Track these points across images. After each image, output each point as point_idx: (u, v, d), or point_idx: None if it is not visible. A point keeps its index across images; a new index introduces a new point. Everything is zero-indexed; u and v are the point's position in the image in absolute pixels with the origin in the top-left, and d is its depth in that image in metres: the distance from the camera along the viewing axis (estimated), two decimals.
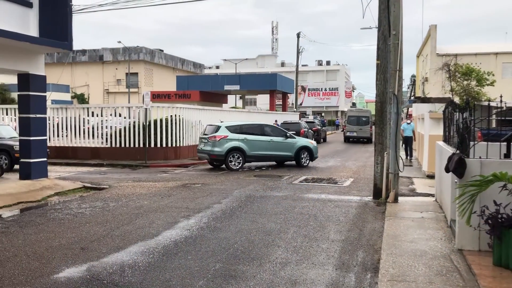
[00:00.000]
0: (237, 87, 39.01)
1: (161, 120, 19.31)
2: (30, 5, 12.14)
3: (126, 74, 54.56)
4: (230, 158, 16.37)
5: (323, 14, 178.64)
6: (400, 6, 10.20)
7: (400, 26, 10.20)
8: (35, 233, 7.43)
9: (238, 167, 16.31)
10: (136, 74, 55.90)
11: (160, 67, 59.40)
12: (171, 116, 19.65)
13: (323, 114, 72.45)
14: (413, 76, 58.63)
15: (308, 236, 7.31)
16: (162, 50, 61.23)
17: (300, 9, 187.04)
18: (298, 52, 47.70)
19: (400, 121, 10.76)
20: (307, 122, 34.53)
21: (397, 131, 10.22)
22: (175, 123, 19.55)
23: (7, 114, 21.43)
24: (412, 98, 40.74)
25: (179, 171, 16.42)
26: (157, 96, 38.41)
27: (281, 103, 48.72)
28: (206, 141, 16.70)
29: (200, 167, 17.93)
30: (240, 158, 16.44)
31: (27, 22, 12.06)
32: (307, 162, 17.65)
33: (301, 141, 17.97)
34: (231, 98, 55.30)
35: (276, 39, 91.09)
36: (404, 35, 10.47)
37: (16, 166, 15.03)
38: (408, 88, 61.14)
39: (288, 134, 17.74)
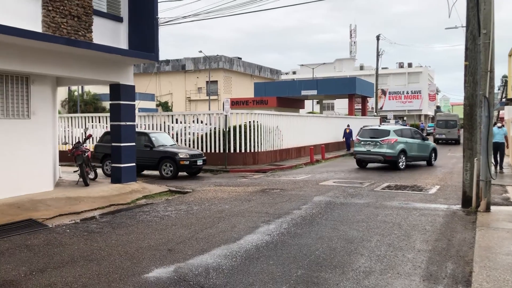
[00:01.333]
0: (314, 92, 38.78)
1: (240, 126, 19.72)
2: (120, 20, 13.01)
3: (207, 82, 56.41)
4: (399, 159, 18.38)
5: (403, 15, 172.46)
6: (492, 3, 9.56)
7: (491, 24, 9.56)
8: (126, 234, 7.90)
9: (403, 167, 18.44)
10: (215, 82, 57.62)
11: (238, 75, 60.75)
12: (250, 122, 20.00)
13: (405, 118, 69.75)
14: (505, 76, 54.57)
15: (393, 245, 7.06)
16: (240, 58, 62.61)
17: (378, 11, 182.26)
18: (377, 55, 46.45)
19: (492, 125, 10.06)
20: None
21: (488, 136, 9.56)
22: (253, 129, 19.87)
23: (99, 122, 23.06)
24: (504, 100, 37.99)
25: (257, 177, 16.64)
26: (235, 103, 39.29)
27: (360, 107, 47.65)
28: (375, 143, 18.67)
29: (277, 172, 18.03)
30: (404, 159, 18.62)
31: (118, 36, 12.93)
32: (434, 161, 20.32)
33: (431, 143, 20.95)
34: (308, 103, 55.10)
35: (354, 42, 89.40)
36: (495, 33, 9.79)
37: (180, 174, 16.20)
38: (499, 89, 57.04)
39: (424, 136, 20.32)
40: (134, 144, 13.78)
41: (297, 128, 24.27)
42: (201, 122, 21.66)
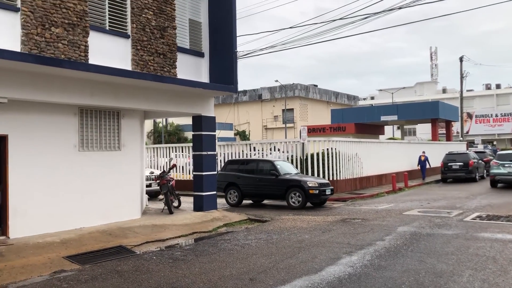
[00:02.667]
0: (394, 117, 37.65)
1: (317, 154, 19.58)
2: (202, 55, 13.67)
3: (283, 110, 57.01)
4: None
5: (488, 34, 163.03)
6: None
7: None
8: (209, 262, 8.07)
9: None
10: (291, 109, 58.04)
11: (314, 102, 60.76)
12: (327, 149, 19.80)
13: (495, 143, 65.19)
14: None
15: (487, 281, 6.53)
16: (316, 85, 62.68)
17: (460, 31, 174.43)
18: (461, 77, 44.26)
19: None
20: (476, 152, 31.41)
21: None
22: (332, 156, 19.62)
23: (182, 152, 24.07)
24: None
25: (337, 205, 16.31)
26: (312, 130, 39.19)
27: (444, 132, 45.38)
28: None
29: (358, 201, 17.56)
30: None
31: (199, 70, 13.58)
32: None
33: None
34: (388, 129, 53.52)
35: (435, 65, 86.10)
36: None
37: (308, 204, 15.61)
38: None
39: None
40: (215, 173, 14.19)
41: (377, 155, 23.60)
42: (278, 150, 21.82)
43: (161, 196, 14.09)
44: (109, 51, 10.73)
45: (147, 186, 15.92)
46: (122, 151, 12.22)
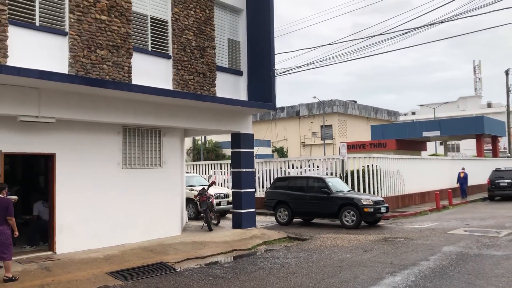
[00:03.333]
0: (437, 133, 36.63)
1: (357, 171, 19.27)
2: (240, 73, 13.84)
3: (321, 126, 56.68)
4: None
5: None
6: None
7: None
8: (249, 280, 8.03)
9: None
10: (330, 126, 57.60)
11: (353, 118, 60.09)
12: (368, 166, 19.45)
13: None
14: None
15: None
16: (355, 101, 62.05)
17: (505, 43, 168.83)
18: (507, 91, 42.70)
19: None
20: None
21: None
22: (372, 173, 19.25)
23: (221, 168, 24.27)
24: None
25: (378, 224, 15.92)
26: (352, 147, 38.67)
27: (490, 148, 43.74)
28: None
29: (400, 219, 17.08)
30: None
31: (238, 88, 13.74)
32: None
33: None
34: (430, 145, 52.11)
35: (479, 79, 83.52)
36: None
37: (363, 223, 15.05)
38: None
39: None
40: (253, 190, 14.21)
41: (419, 172, 22.95)
42: (317, 167, 21.63)
43: (229, 215, 14.23)
44: (151, 71, 11.04)
45: (216, 204, 15.96)
46: (163, 169, 12.45)
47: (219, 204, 17.05)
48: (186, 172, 22.43)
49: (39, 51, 8.99)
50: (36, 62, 8.78)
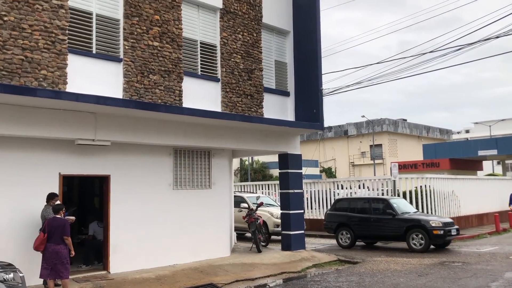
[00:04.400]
0: (494, 152, 34.93)
1: (410, 192, 18.66)
2: (287, 94, 13.89)
3: (370, 146, 55.61)
4: None
5: None
6: None
7: None
8: None
9: None
10: (380, 145, 56.41)
11: (404, 137, 58.60)
12: (421, 186, 18.79)
13: None
14: None
15: None
16: (405, 120, 60.60)
17: None
18: None
19: None
20: None
21: None
22: (426, 194, 18.57)
23: (268, 189, 24.22)
24: None
25: (433, 247, 15.23)
26: (403, 167, 37.58)
27: None
28: None
29: (456, 242, 16.29)
30: None
31: (285, 109, 13.77)
32: None
33: None
34: (486, 164, 49.75)
35: None
36: None
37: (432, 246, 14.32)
38: None
39: None
40: (302, 211, 14.05)
41: (476, 192, 21.90)
42: (367, 188, 21.13)
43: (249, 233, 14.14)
44: (200, 94, 11.29)
45: (276, 225, 15.72)
46: (212, 189, 12.59)
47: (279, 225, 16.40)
48: (251, 192, 22.58)
49: (96, 77, 9.43)
50: (92, 87, 9.20)
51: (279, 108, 13.51)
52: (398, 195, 18.47)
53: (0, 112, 8.33)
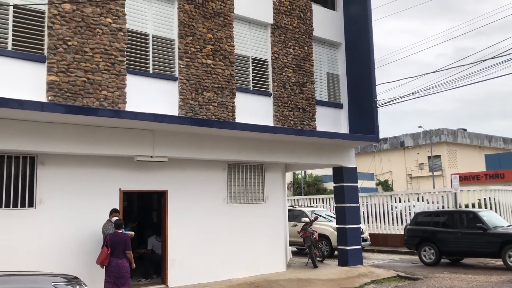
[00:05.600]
0: None
1: (473, 205, 17.75)
2: (340, 106, 13.72)
3: (428, 157, 53.64)
4: None
5: None
6: None
7: None
8: None
9: None
10: (438, 156, 54.28)
11: (464, 147, 56.10)
12: (484, 199, 17.85)
13: None
14: None
15: None
16: (465, 129, 58.04)
17: None
18: None
19: None
20: None
21: None
22: (490, 207, 17.59)
23: (322, 203, 23.88)
24: None
25: (491, 263, 14.35)
26: (464, 178, 35.91)
27: None
28: None
29: None
30: None
31: (338, 121, 13.59)
32: None
33: None
34: None
35: None
36: None
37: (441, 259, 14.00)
38: None
39: None
40: (359, 226, 13.75)
41: None
42: (426, 201, 20.32)
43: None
44: (252, 109, 11.40)
45: None
46: (266, 204, 12.59)
47: None
48: (311, 206, 22.44)
49: (153, 95, 9.77)
50: (150, 106, 9.54)
51: (332, 120, 13.36)
52: (460, 208, 17.62)
53: (64, 131, 8.81)
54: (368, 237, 17.19)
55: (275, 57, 11.93)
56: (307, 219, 14.67)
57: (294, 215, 16.98)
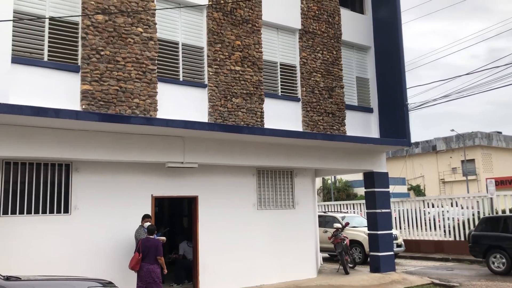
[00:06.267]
0: None
1: (510, 210, 17.16)
2: (370, 111, 13.56)
3: (462, 161, 52.31)
4: None
5: None
6: None
7: None
8: None
9: None
10: (472, 160, 52.85)
11: (499, 151, 54.44)
12: None
13: None
14: None
15: None
16: (500, 132, 56.36)
17: None
18: None
19: None
20: None
21: None
22: None
23: (353, 209, 23.58)
24: None
25: None
26: (500, 183, 34.89)
27: None
28: None
29: None
30: None
31: (369, 126, 13.43)
32: None
33: None
34: None
35: None
36: None
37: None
38: None
39: None
40: (391, 232, 13.50)
41: None
42: (460, 206, 19.78)
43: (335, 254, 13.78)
44: (281, 114, 11.39)
45: None
46: (296, 209, 12.53)
47: None
48: (342, 211, 22.25)
49: (182, 103, 9.90)
50: (180, 113, 9.67)
51: (362, 125, 13.22)
52: (496, 213, 17.08)
53: (98, 139, 9.02)
54: (403, 243, 16.85)
55: (303, 62, 11.91)
56: (338, 225, 14.51)
57: (325, 221, 16.84)
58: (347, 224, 14.68)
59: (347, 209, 23.83)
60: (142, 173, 10.19)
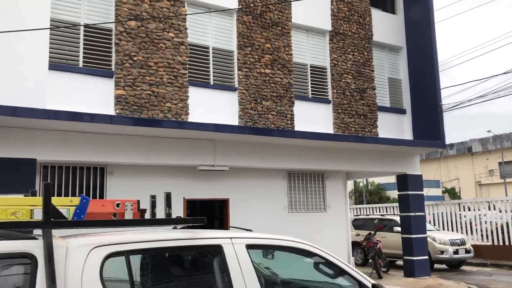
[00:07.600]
0: None
1: None
2: (403, 112, 13.30)
3: (499, 163, 50.69)
4: None
5: None
6: None
7: None
8: None
9: None
10: (510, 162, 51.11)
11: None
12: None
13: None
14: None
15: None
16: None
17: None
18: None
19: None
20: None
21: None
22: None
23: (386, 212, 23.16)
24: None
25: None
26: None
27: None
28: None
29: None
30: None
31: (401, 127, 13.18)
32: None
33: None
34: None
35: None
36: None
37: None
38: None
39: None
40: (425, 235, 13.18)
41: None
42: (499, 209, 19.13)
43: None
44: (312, 117, 11.33)
45: (454, 252, 14.93)
46: (327, 212, 12.42)
47: (456, 252, 15.10)
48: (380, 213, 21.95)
49: (213, 106, 9.98)
50: (211, 116, 9.75)
51: (395, 126, 12.99)
52: None
53: (131, 143, 9.19)
54: (471, 248, 15.86)
55: (334, 63, 11.81)
56: (399, 229, 13.96)
57: (383, 225, 16.15)
58: (379, 227, 14.43)
59: (380, 212, 23.43)
60: (174, 176, 10.32)
